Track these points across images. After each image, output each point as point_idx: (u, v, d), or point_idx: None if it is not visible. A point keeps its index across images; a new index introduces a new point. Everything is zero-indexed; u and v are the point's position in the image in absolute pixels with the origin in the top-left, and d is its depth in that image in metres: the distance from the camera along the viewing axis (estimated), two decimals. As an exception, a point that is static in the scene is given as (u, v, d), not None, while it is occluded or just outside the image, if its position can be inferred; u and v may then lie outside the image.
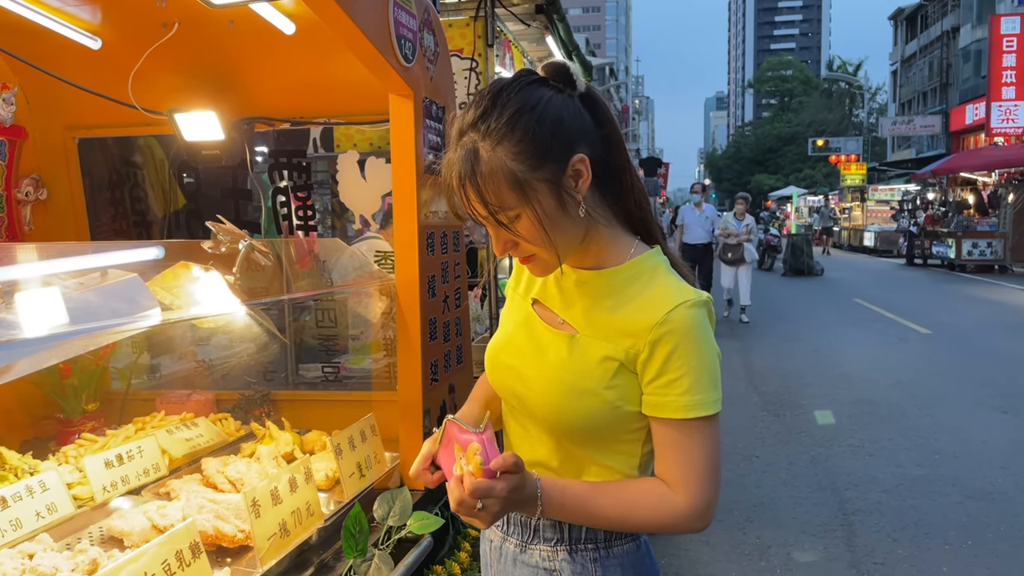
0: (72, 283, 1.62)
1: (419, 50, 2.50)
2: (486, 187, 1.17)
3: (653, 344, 1.21)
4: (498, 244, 1.26)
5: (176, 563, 1.48)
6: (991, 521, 4.34)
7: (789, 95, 69.41)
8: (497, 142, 1.16)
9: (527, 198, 1.18)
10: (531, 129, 1.16)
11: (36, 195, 3.04)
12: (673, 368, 1.20)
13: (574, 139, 1.21)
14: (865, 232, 28.25)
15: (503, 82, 1.22)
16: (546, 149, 1.18)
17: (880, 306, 13.22)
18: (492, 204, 1.18)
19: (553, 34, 5.07)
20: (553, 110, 1.19)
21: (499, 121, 1.17)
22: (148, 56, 2.78)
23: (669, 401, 1.21)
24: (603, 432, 1.27)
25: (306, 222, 3.21)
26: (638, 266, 1.30)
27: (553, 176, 1.19)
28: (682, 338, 1.20)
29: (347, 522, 1.86)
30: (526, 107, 1.18)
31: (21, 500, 1.85)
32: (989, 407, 6.73)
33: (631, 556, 1.34)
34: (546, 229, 1.20)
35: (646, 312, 1.22)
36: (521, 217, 1.19)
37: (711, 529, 4.27)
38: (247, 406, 2.93)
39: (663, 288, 1.25)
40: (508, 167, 1.16)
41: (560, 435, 1.29)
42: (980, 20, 31.87)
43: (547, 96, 1.20)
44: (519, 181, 1.17)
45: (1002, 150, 22.88)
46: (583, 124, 1.23)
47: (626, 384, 1.24)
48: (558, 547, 1.33)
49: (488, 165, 1.16)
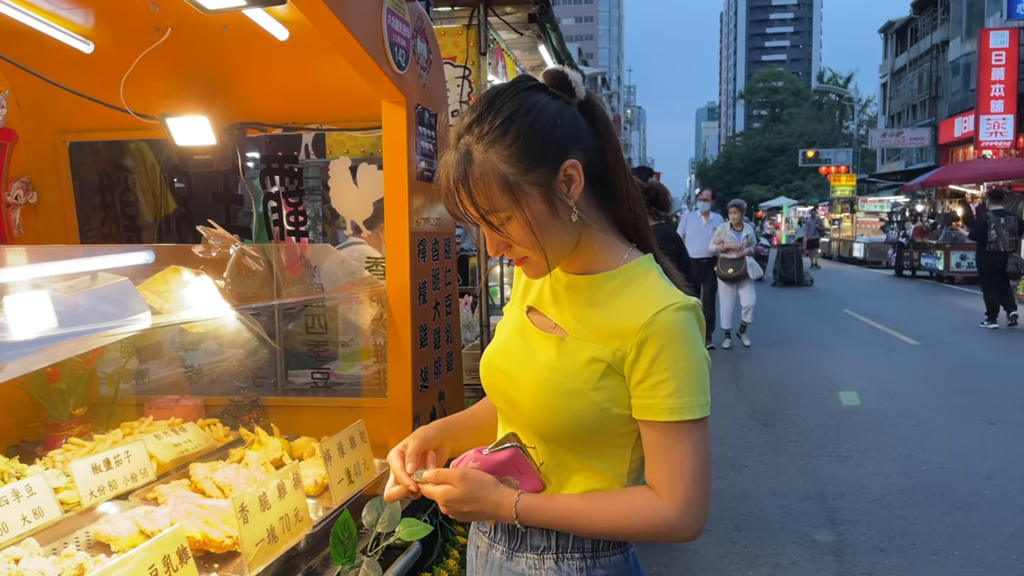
0: (62, 286, 1.62)
1: (412, 57, 2.51)
2: (477, 189, 1.19)
3: (640, 345, 1.21)
4: (491, 245, 1.28)
5: (163, 568, 1.48)
6: (978, 531, 4.36)
7: (780, 106, 69.84)
8: (490, 145, 1.19)
9: (517, 201, 1.19)
10: (523, 133, 1.19)
11: (26, 198, 3.03)
12: (659, 370, 1.21)
13: (567, 145, 1.22)
14: (854, 243, 28.37)
15: (500, 87, 1.24)
16: (538, 153, 1.19)
17: (869, 317, 13.28)
18: (483, 206, 1.20)
19: (546, 43, 5.09)
20: (547, 116, 1.21)
21: (492, 124, 1.19)
22: (140, 60, 2.78)
23: (655, 404, 1.22)
24: (591, 435, 1.28)
25: (297, 228, 3.21)
26: (630, 271, 1.31)
27: (544, 180, 1.21)
28: (668, 340, 1.21)
29: (336, 528, 1.85)
30: (519, 111, 1.20)
31: (7, 504, 1.84)
32: (976, 418, 6.76)
33: (618, 567, 1.33)
34: (535, 233, 1.21)
35: (634, 314, 1.23)
36: (512, 220, 1.21)
37: (700, 538, 4.28)
38: (236, 412, 2.92)
39: (652, 291, 1.26)
40: (499, 170, 1.18)
41: (549, 438, 1.30)
42: (969, 34, 32.15)
43: (542, 102, 1.22)
44: (510, 184, 1.19)
45: (990, 163, 23.07)
46: (578, 130, 1.24)
47: (613, 386, 1.25)
48: (545, 555, 1.33)
49: (480, 167, 1.19)
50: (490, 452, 1.28)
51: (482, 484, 1.25)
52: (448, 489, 1.24)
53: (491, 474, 1.27)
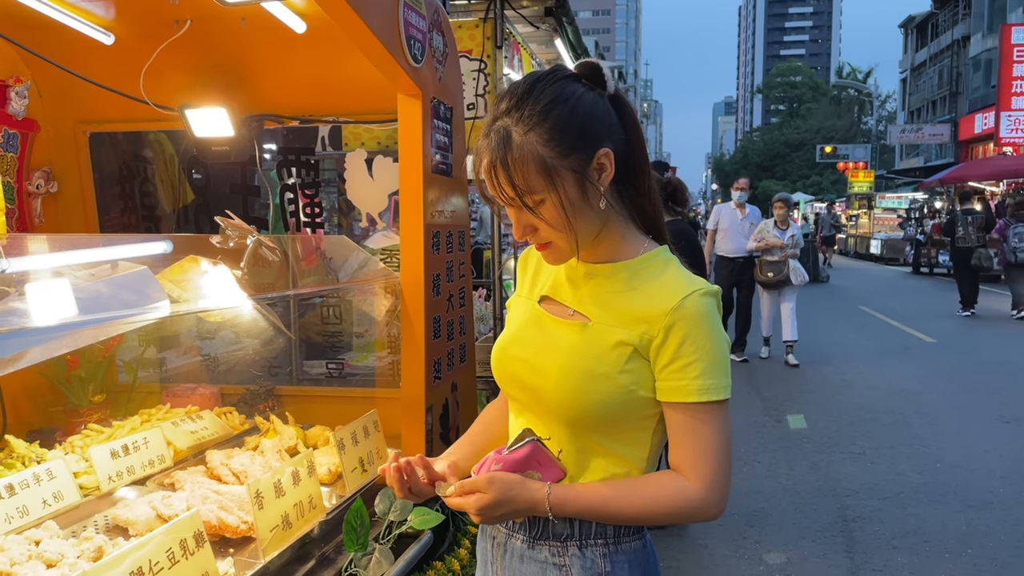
0: (84, 274, 1.65)
1: (428, 50, 2.52)
2: (516, 169, 1.23)
3: (667, 329, 1.26)
4: (518, 228, 1.31)
5: (180, 552, 1.50)
6: (991, 530, 4.34)
7: (798, 101, 69.33)
8: (530, 128, 1.23)
9: (553, 183, 1.24)
10: (563, 119, 1.24)
11: (47, 188, 3.07)
12: (687, 353, 1.26)
13: (601, 134, 1.27)
14: (871, 240, 28.13)
15: (539, 74, 1.29)
16: (575, 139, 1.24)
17: (885, 314, 13.20)
18: (520, 186, 1.24)
19: (562, 37, 5.09)
20: (585, 104, 1.26)
21: (534, 109, 1.24)
22: (160, 52, 2.81)
23: (683, 385, 1.26)
24: (617, 418, 1.31)
25: (313, 219, 3.23)
26: (651, 260, 1.36)
27: (579, 165, 1.25)
28: (695, 324, 1.26)
29: (349, 516, 1.88)
30: (560, 98, 1.25)
31: (28, 488, 1.88)
32: (992, 417, 6.72)
33: (638, 553, 1.37)
34: (567, 215, 1.26)
35: (660, 299, 1.28)
36: (545, 202, 1.25)
37: (711, 532, 4.29)
38: (251, 400, 2.96)
39: (675, 278, 1.32)
40: (538, 152, 1.23)
41: (574, 422, 1.32)
42: (991, 29, 31.77)
43: (580, 91, 1.27)
44: (547, 166, 1.23)
45: (1011, 160, 22.79)
46: (610, 122, 1.30)
47: (639, 369, 1.29)
48: (568, 543, 1.35)
49: (520, 149, 1.23)
50: (509, 451, 1.30)
51: (511, 484, 1.26)
52: (479, 497, 1.25)
53: (515, 472, 1.28)
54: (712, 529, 4.33)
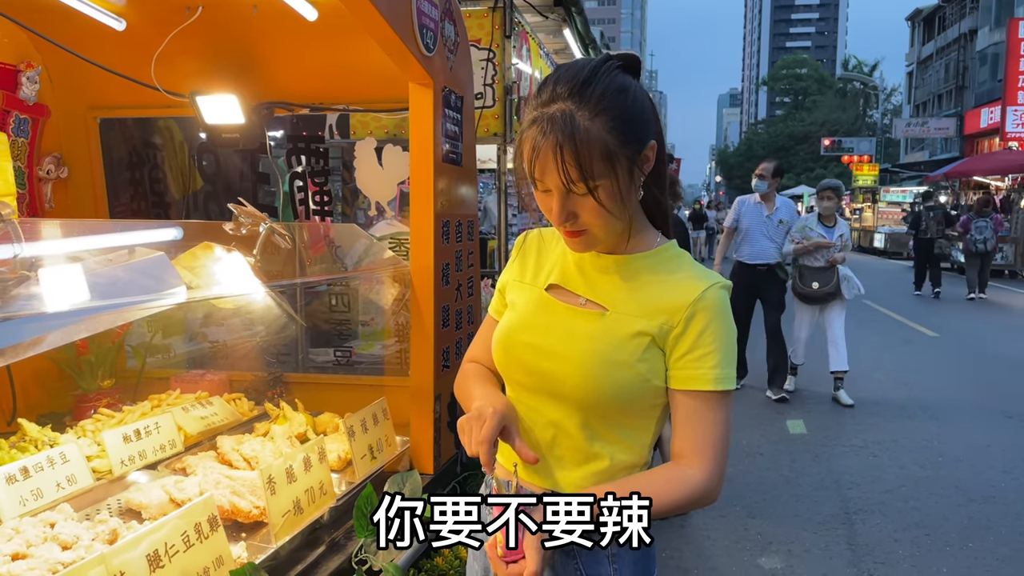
0: (100, 259, 1.66)
1: (440, 40, 2.52)
2: (581, 151, 1.23)
3: (688, 319, 1.30)
4: (559, 213, 1.30)
5: (195, 535, 1.52)
6: (992, 524, 4.36)
7: (803, 94, 68.97)
8: (596, 114, 1.24)
9: (613, 170, 1.26)
10: (627, 108, 1.26)
11: (57, 173, 3.08)
12: (705, 343, 1.30)
13: (651, 127, 1.31)
14: (875, 233, 28.10)
15: (596, 62, 1.30)
16: (635, 129, 1.27)
17: (888, 308, 13.19)
18: (585, 168, 1.24)
19: (571, 27, 5.08)
20: (641, 96, 1.30)
21: (603, 95, 1.25)
22: (171, 39, 2.81)
23: (701, 374, 1.31)
24: (630, 405, 1.35)
25: (322, 207, 3.24)
26: (665, 253, 1.40)
27: (633, 155, 1.28)
28: (714, 316, 1.31)
29: (359, 502, 1.90)
30: (623, 87, 1.28)
31: (42, 471, 1.90)
32: (994, 411, 6.73)
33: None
34: (622, 202, 1.29)
35: (680, 291, 1.33)
36: (600, 188, 1.26)
37: (713, 523, 4.31)
38: (260, 387, 2.97)
39: (693, 272, 1.37)
40: (604, 138, 1.24)
41: (590, 407, 1.34)
42: (998, 23, 31.63)
43: (635, 83, 1.31)
44: (610, 153, 1.24)
45: (1016, 155, 22.74)
46: (654, 116, 1.33)
47: (654, 358, 1.33)
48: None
49: (587, 132, 1.23)
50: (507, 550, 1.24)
51: (537, 549, 1.23)
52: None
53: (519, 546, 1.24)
54: (714, 521, 4.35)
